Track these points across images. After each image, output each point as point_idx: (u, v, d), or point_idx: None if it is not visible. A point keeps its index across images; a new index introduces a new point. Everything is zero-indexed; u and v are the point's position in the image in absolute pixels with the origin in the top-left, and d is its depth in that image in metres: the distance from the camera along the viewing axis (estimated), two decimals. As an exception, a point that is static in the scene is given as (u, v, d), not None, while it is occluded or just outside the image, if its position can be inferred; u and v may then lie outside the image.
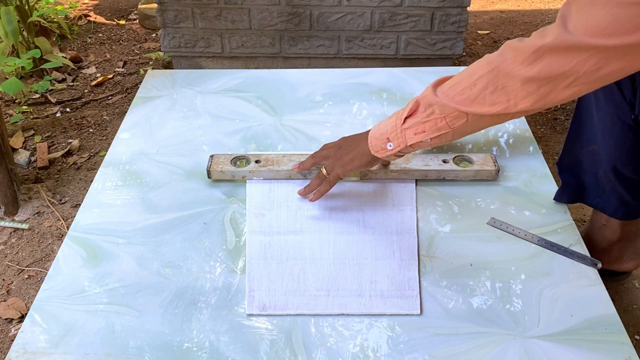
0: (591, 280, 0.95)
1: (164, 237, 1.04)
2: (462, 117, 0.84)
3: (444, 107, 0.84)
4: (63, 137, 1.79)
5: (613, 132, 0.96)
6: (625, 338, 0.86)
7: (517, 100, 0.78)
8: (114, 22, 2.59)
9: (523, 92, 0.77)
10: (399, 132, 0.91)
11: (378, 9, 1.88)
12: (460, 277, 0.96)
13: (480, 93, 0.80)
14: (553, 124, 1.82)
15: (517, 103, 0.78)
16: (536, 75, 0.74)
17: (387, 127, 0.93)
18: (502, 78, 0.78)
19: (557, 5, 2.67)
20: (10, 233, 1.42)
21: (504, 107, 0.79)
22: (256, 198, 1.10)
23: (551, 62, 0.72)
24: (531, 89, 0.76)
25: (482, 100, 0.80)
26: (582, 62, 0.70)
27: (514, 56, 0.76)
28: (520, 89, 0.77)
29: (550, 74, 0.73)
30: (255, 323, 0.89)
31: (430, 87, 0.88)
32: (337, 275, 0.96)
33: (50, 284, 0.96)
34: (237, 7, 1.90)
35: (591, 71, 0.70)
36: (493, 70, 0.79)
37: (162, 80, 1.51)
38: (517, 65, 0.75)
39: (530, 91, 0.76)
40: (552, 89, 0.75)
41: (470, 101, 0.82)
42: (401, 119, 0.91)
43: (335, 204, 1.08)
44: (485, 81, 0.79)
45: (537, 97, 0.76)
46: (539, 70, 0.73)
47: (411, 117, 0.89)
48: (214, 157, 1.16)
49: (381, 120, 0.97)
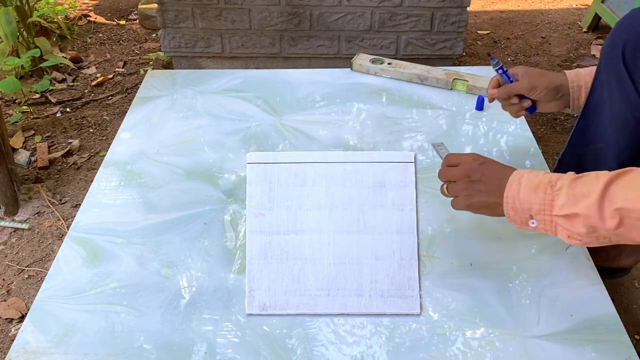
0: (591, 280, 0.95)
1: (164, 237, 1.04)
2: (634, 241, 0.74)
3: (610, 232, 0.74)
4: (63, 137, 1.79)
5: (625, 130, 0.95)
6: (625, 338, 0.86)
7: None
8: (114, 22, 2.59)
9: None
10: (548, 219, 0.79)
11: (378, 9, 1.88)
12: (460, 277, 0.96)
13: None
14: (553, 124, 1.82)
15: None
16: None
17: (532, 203, 0.80)
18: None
19: (557, 5, 2.67)
20: (10, 233, 1.42)
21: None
22: (256, 198, 1.10)
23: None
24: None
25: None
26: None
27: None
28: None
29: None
30: (255, 323, 0.89)
31: (595, 197, 0.73)
32: (337, 275, 0.96)
33: (50, 284, 0.96)
34: (237, 7, 1.90)
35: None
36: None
37: (162, 80, 1.51)
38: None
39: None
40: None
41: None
42: (550, 207, 0.78)
43: (336, 204, 1.08)
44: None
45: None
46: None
47: (567, 221, 0.77)
48: (358, 55, 1.53)
49: (521, 177, 0.82)
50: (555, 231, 0.80)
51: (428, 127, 1.29)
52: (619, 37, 0.92)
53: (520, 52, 2.27)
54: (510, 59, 2.23)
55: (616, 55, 0.92)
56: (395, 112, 1.35)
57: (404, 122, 1.31)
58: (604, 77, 0.97)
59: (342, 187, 1.11)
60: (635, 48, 0.90)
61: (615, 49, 0.93)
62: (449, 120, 1.31)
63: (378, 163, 1.17)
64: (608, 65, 0.95)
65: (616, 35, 0.93)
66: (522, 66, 1.07)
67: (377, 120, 1.33)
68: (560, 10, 2.61)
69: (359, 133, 1.29)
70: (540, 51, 2.27)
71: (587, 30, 2.40)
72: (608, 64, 0.95)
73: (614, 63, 0.93)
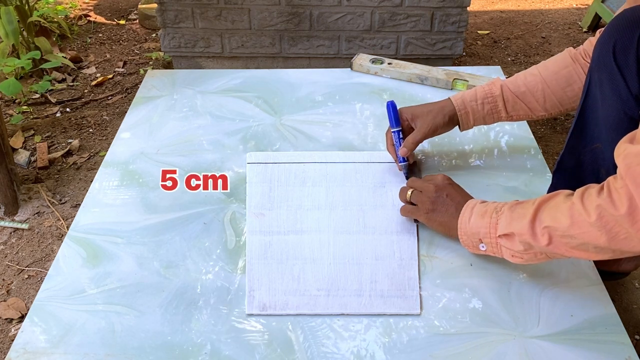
0: (591, 280, 0.95)
1: (164, 237, 1.04)
2: (564, 256, 0.82)
3: (543, 249, 0.81)
4: (63, 137, 1.79)
5: (619, 128, 0.95)
6: (625, 338, 0.86)
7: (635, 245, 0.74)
8: (114, 22, 2.59)
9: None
10: (494, 242, 0.88)
11: (378, 9, 1.88)
12: (460, 277, 0.96)
13: (581, 245, 0.77)
14: (553, 124, 1.82)
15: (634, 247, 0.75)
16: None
17: (480, 227, 0.89)
18: (608, 241, 0.74)
19: (557, 5, 2.67)
20: (10, 233, 1.42)
21: (613, 255, 0.77)
22: (256, 198, 1.10)
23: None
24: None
25: (585, 250, 0.78)
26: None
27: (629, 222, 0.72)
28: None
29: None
30: (255, 323, 0.89)
31: (529, 218, 0.81)
32: (337, 275, 0.96)
33: (50, 284, 0.96)
34: (237, 7, 1.90)
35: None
36: (595, 233, 0.75)
37: (162, 80, 1.51)
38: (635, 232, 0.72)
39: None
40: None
41: (571, 247, 0.79)
42: (495, 229, 0.87)
43: (336, 204, 1.08)
44: (587, 239, 0.76)
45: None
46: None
47: (507, 241, 0.85)
48: (358, 55, 1.54)
49: (473, 206, 0.91)
50: (501, 253, 0.88)
51: (428, 127, 1.29)
52: (609, 37, 0.94)
53: (520, 52, 2.27)
54: (511, 59, 2.23)
55: (607, 55, 0.94)
56: (395, 112, 1.35)
57: (404, 122, 1.31)
58: (596, 76, 0.98)
59: (342, 187, 1.11)
60: (626, 46, 0.91)
61: (606, 48, 0.94)
62: (449, 120, 1.31)
63: (378, 163, 1.17)
64: (600, 65, 0.96)
65: (607, 35, 0.95)
66: (404, 109, 1.13)
67: (377, 120, 1.33)
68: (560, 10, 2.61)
69: (359, 133, 1.29)
70: (540, 51, 2.27)
71: (587, 30, 2.40)
72: (600, 63, 0.96)
73: (605, 62, 0.94)
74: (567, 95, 1.07)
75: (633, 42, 0.90)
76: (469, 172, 1.16)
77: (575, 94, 1.07)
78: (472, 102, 1.11)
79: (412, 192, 1.00)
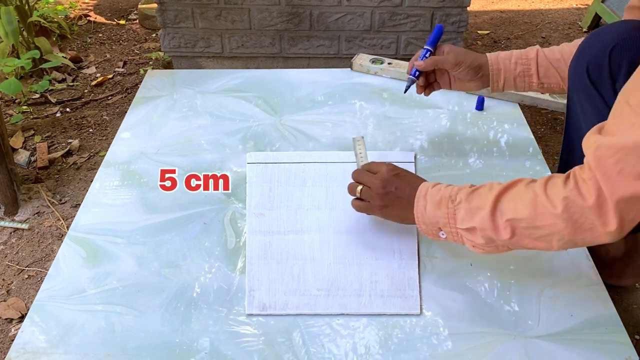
0: (591, 280, 0.95)
1: (164, 237, 1.04)
2: (527, 247, 0.82)
3: (506, 242, 0.81)
4: (63, 137, 1.79)
5: None
6: (625, 338, 0.86)
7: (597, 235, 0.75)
8: (114, 22, 2.58)
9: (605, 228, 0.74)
10: (454, 230, 0.86)
11: (378, 9, 1.88)
12: (460, 277, 0.96)
13: (545, 236, 0.77)
14: (553, 124, 1.82)
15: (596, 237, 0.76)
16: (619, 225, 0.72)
17: (438, 217, 0.86)
18: (574, 234, 0.75)
19: (557, 5, 2.67)
20: (10, 233, 1.42)
21: (577, 246, 0.78)
22: (256, 198, 1.10)
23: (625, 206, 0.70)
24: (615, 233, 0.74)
25: (549, 241, 0.78)
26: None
27: (587, 218, 0.73)
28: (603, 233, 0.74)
29: (627, 224, 0.71)
30: (255, 323, 0.89)
31: (487, 210, 0.80)
32: (337, 275, 0.96)
33: (50, 284, 0.96)
34: (237, 7, 1.90)
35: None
36: (560, 225, 0.75)
37: (162, 80, 1.51)
38: (599, 226, 0.73)
39: (613, 238, 0.74)
40: (629, 226, 0.73)
41: (534, 239, 0.79)
42: (454, 220, 0.85)
43: (336, 204, 1.08)
44: (552, 231, 0.76)
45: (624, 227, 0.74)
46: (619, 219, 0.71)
47: (469, 234, 0.84)
48: (358, 55, 1.55)
49: (425, 193, 0.89)
50: (462, 241, 0.87)
51: (428, 127, 1.29)
52: (582, 58, 0.97)
53: (520, 52, 2.27)
54: (510, 59, 2.22)
55: (581, 74, 0.97)
56: (396, 112, 1.35)
57: (404, 122, 1.31)
58: (574, 96, 1.01)
59: (342, 187, 1.11)
60: (598, 64, 0.95)
61: (580, 68, 0.98)
62: (449, 120, 1.31)
63: (378, 163, 1.17)
64: (576, 84, 0.99)
65: (580, 57, 0.98)
66: (448, 44, 1.14)
67: (377, 120, 1.33)
68: (560, 10, 2.61)
69: (358, 133, 1.29)
70: (540, 51, 2.27)
71: (587, 30, 2.40)
72: (576, 83, 0.99)
73: (581, 81, 0.98)
74: None
75: (605, 59, 0.93)
76: (469, 172, 1.16)
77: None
78: (506, 60, 1.10)
79: (362, 188, 0.97)
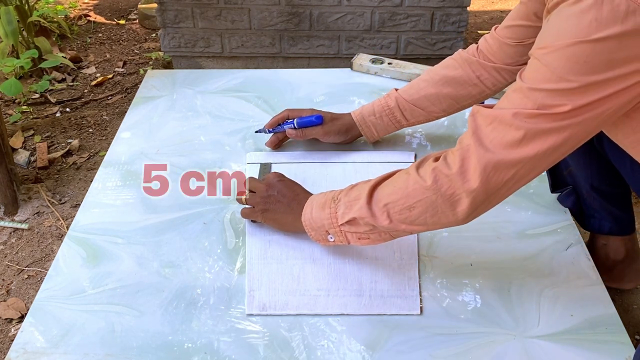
0: (591, 280, 0.95)
1: (163, 237, 1.04)
2: (406, 232, 0.84)
3: (386, 228, 0.82)
4: (63, 137, 1.79)
5: (581, 153, 0.97)
6: (625, 338, 0.86)
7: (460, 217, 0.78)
8: (114, 22, 2.58)
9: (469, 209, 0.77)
10: (337, 230, 0.87)
11: (378, 9, 1.88)
12: (460, 277, 0.96)
13: (420, 216, 0.79)
14: (553, 124, 1.82)
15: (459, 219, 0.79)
16: (478, 200, 0.76)
17: (323, 220, 0.89)
18: (442, 205, 0.77)
19: (557, 5, 2.67)
20: (10, 233, 1.42)
21: (448, 221, 0.79)
22: (256, 198, 1.10)
23: (488, 184, 0.74)
24: (478, 208, 0.78)
25: (424, 222, 0.79)
26: (520, 169, 0.73)
27: (452, 188, 0.76)
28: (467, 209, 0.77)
29: (491, 189, 0.75)
30: (255, 323, 0.89)
31: (364, 199, 0.83)
32: (337, 275, 0.96)
33: (50, 284, 0.96)
34: (237, 7, 1.90)
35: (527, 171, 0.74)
36: (431, 197, 0.77)
37: (162, 80, 1.51)
38: (461, 192, 0.75)
39: (476, 205, 0.77)
40: (496, 198, 0.77)
41: (410, 222, 0.80)
42: (336, 218, 0.87)
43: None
44: (425, 206, 0.78)
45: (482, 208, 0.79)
46: (482, 194, 0.75)
47: (350, 226, 0.86)
48: (358, 55, 1.54)
49: (312, 200, 0.92)
50: (347, 240, 0.88)
51: (428, 126, 1.29)
52: None
53: (520, 52, 2.27)
54: (510, 59, 2.22)
55: None
56: (395, 112, 1.35)
57: (404, 122, 1.31)
58: None
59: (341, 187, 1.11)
60: None
61: None
62: (449, 120, 1.31)
63: (378, 163, 1.17)
64: None
65: None
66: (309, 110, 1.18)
67: (377, 120, 1.33)
68: (560, 10, 2.61)
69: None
70: (540, 51, 2.27)
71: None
72: None
73: None
74: (460, 94, 1.10)
75: None
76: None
77: (467, 92, 1.10)
78: (371, 116, 1.15)
79: (248, 194, 1.01)
